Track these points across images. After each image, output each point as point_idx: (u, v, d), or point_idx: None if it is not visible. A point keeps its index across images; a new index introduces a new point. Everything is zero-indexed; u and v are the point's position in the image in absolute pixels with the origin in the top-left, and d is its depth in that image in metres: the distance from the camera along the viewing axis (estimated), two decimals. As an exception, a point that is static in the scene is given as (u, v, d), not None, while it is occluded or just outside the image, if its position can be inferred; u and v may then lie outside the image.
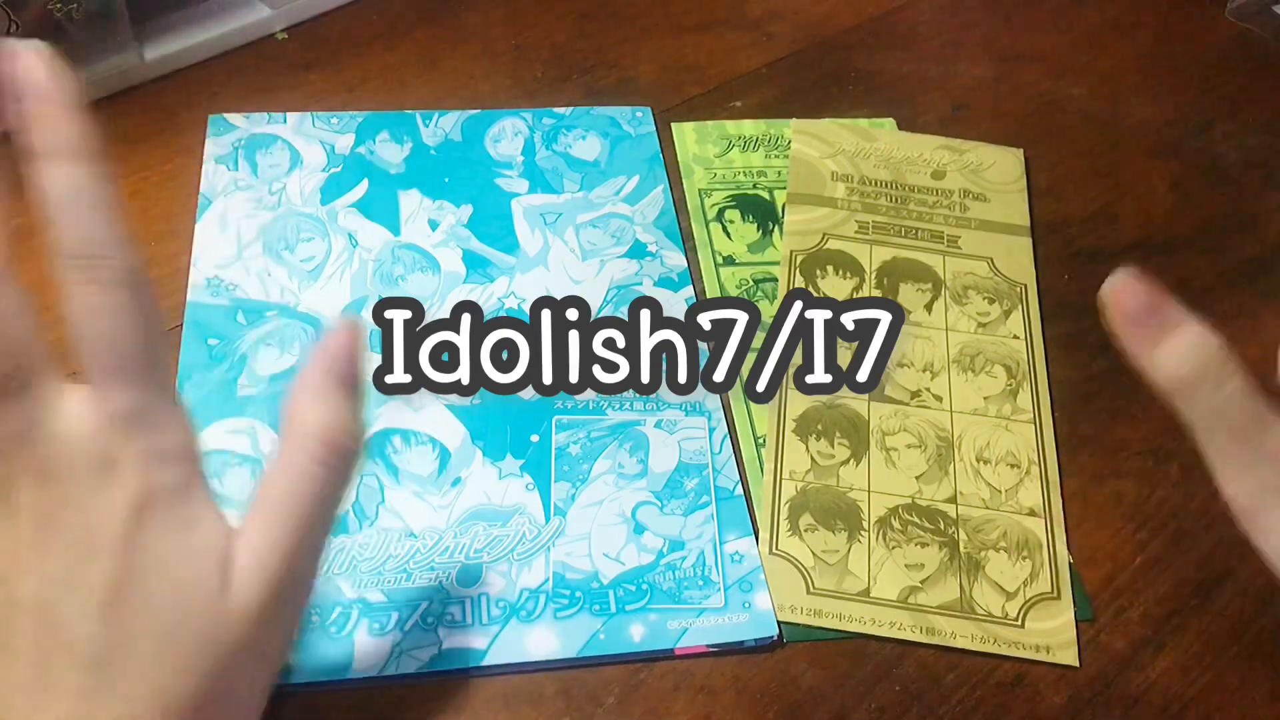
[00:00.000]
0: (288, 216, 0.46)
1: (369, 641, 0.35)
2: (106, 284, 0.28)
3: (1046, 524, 0.40)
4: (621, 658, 0.36)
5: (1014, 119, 0.54)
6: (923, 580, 0.38)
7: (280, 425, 0.31)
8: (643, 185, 0.49)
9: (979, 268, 0.47)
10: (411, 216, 0.47)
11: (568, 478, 0.39)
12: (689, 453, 0.40)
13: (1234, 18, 0.60)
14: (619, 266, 0.46)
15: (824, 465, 0.41)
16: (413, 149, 0.50)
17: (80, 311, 0.28)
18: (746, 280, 0.46)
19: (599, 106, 0.52)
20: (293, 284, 0.44)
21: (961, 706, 0.36)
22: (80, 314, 0.28)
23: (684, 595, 0.37)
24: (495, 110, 0.52)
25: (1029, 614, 0.38)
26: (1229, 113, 0.56)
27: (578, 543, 0.38)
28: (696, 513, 0.39)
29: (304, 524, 0.30)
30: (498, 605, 0.36)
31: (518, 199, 0.48)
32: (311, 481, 0.30)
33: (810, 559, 0.38)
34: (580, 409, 0.41)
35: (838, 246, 0.48)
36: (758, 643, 0.36)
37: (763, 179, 0.50)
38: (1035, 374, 0.44)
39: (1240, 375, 0.32)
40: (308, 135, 0.49)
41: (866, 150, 0.51)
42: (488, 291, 0.45)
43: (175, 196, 0.47)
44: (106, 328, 0.28)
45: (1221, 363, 0.32)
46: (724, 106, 0.53)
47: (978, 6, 0.60)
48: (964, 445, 0.42)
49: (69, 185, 0.29)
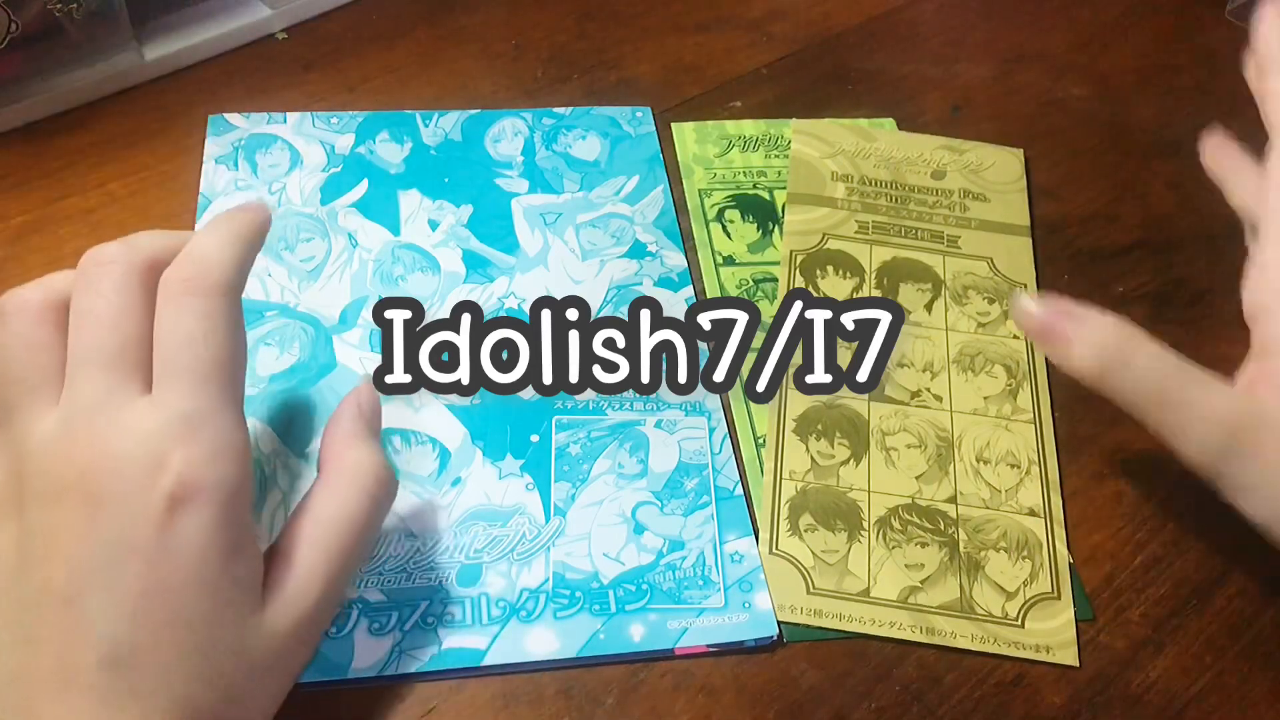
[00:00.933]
0: (288, 216, 0.46)
1: (369, 641, 0.35)
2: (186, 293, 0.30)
3: (1046, 524, 0.40)
4: (621, 658, 0.36)
5: (1014, 119, 0.54)
6: (923, 580, 0.38)
7: (321, 462, 0.33)
8: (643, 185, 0.49)
9: (979, 268, 0.47)
10: (411, 216, 0.47)
11: (568, 478, 0.39)
12: (689, 453, 0.40)
13: (1234, 18, 0.60)
14: (619, 266, 0.46)
15: (824, 465, 0.41)
16: (412, 149, 0.50)
17: (158, 316, 0.30)
18: (746, 280, 0.46)
19: (599, 107, 0.52)
20: (292, 284, 0.44)
21: (961, 706, 0.36)
22: (157, 318, 0.30)
23: (684, 595, 0.37)
24: (495, 110, 0.52)
25: (1029, 614, 0.38)
26: (1229, 113, 0.55)
27: (578, 543, 0.38)
28: (696, 513, 0.39)
29: (347, 552, 0.31)
30: (498, 605, 0.36)
31: (518, 199, 0.48)
32: (361, 512, 0.31)
33: (810, 559, 0.38)
34: (580, 409, 0.41)
35: (838, 246, 0.48)
36: (758, 643, 0.36)
37: (763, 179, 0.50)
38: (1035, 374, 0.44)
39: (1146, 346, 0.33)
40: (308, 135, 0.49)
41: (866, 150, 0.51)
42: (488, 291, 0.45)
43: (175, 196, 0.47)
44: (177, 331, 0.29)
45: (1121, 344, 0.33)
46: (724, 106, 0.53)
47: (978, 6, 0.60)
48: (964, 445, 0.42)
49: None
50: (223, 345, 0.29)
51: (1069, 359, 0.34)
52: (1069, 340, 0.34)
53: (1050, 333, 0.35)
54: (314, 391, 0.41)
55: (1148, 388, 0.33)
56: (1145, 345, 0.34)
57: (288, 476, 0.38)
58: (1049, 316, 0.35)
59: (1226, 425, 0.33)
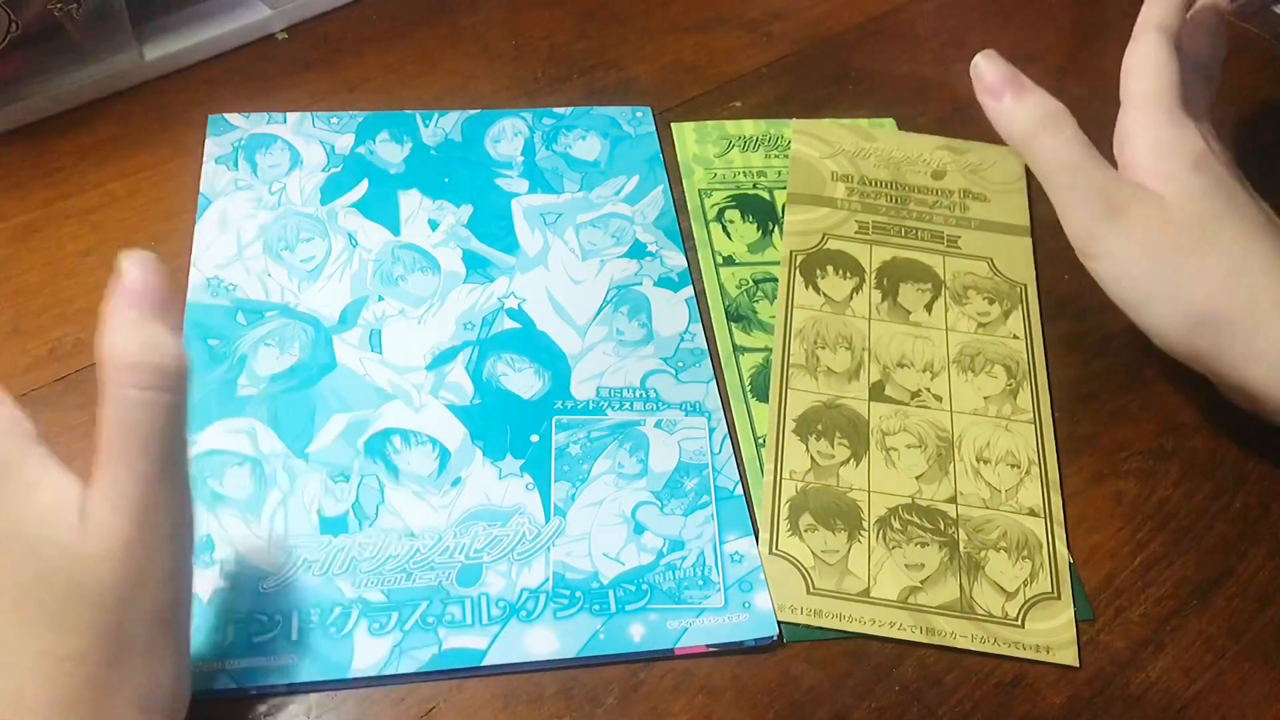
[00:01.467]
0: (288, 216, 0.46)
1: (369, 641, 0.35)
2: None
3: (1046, 524, 0.40)
4: (621, 657, 0.36)
5: (1014, 119, 0.54)
6: (923, 580, 0.38)
7: (97, 369, 0.30)
8: (642, 185, 0.49)
9: (979, 268, 0.47)
10: (411, 216, 0.47)
11: (568, 478, 0.39)
12: (689, 453, 0.40)
13: (1234, 18, 0.60)
14: (619, 266, 0.46)
15: (824, 465, 0.41)
16: (412, 149, 0.50)
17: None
18: (746, 280, 0.46)
19: (599, 107, 0.52)
20: (293, 284, 0.44)
21: (961, 706, 0.36)
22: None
23: (684, 595, 0.37)
24: (495, 110, 0.52)
25: (1029, 614, 0.38)
26: (1229, 113, 0.55)
27: (578, 543, 0.38)
28: (696, 513, 0.39)
29: (144, 451, 0.29)
30: (498, 605, 0.36)
31: (518, 199, 0.48)
32: (138, 409, 0.29)
33: (810, 559, 0.38)
34: (580, 409, 0.41)
35: (838, 246, 0.48)
36: (757, 642, 0.36)
37: (763, 179, 0.50)
38: (1035, 374, 0.44)
39: (1074, 126, 0.40)
40: (307, 135, 0.49)
41: (866, 150, 0.51)
42: (488, 291, 0.45)
43: (175, 196, 0.47)
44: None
45: (1058, 115, 0.40)
46: (724, 106, 0.53)
47: (978, 6, 0.60)
48: (964, 445, 0.42)
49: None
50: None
51: (1011, 118, 0.40)
52: (1014, 101, 0.40)
53: (998, 92, 0.41)
54: (314, 391, 0.41)
55: (1062, 157, 0.39)
56: (1072, 124, 0.40)
57: (287, 477, 0.38)
58: (1001, 78, 0.41)
59: (1110, 198, 0.39)
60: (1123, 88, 0.43)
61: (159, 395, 0.29)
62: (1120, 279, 0.39)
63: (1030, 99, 0.40)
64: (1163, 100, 0.40)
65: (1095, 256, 0.40)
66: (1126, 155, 0.41)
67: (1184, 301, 0.38)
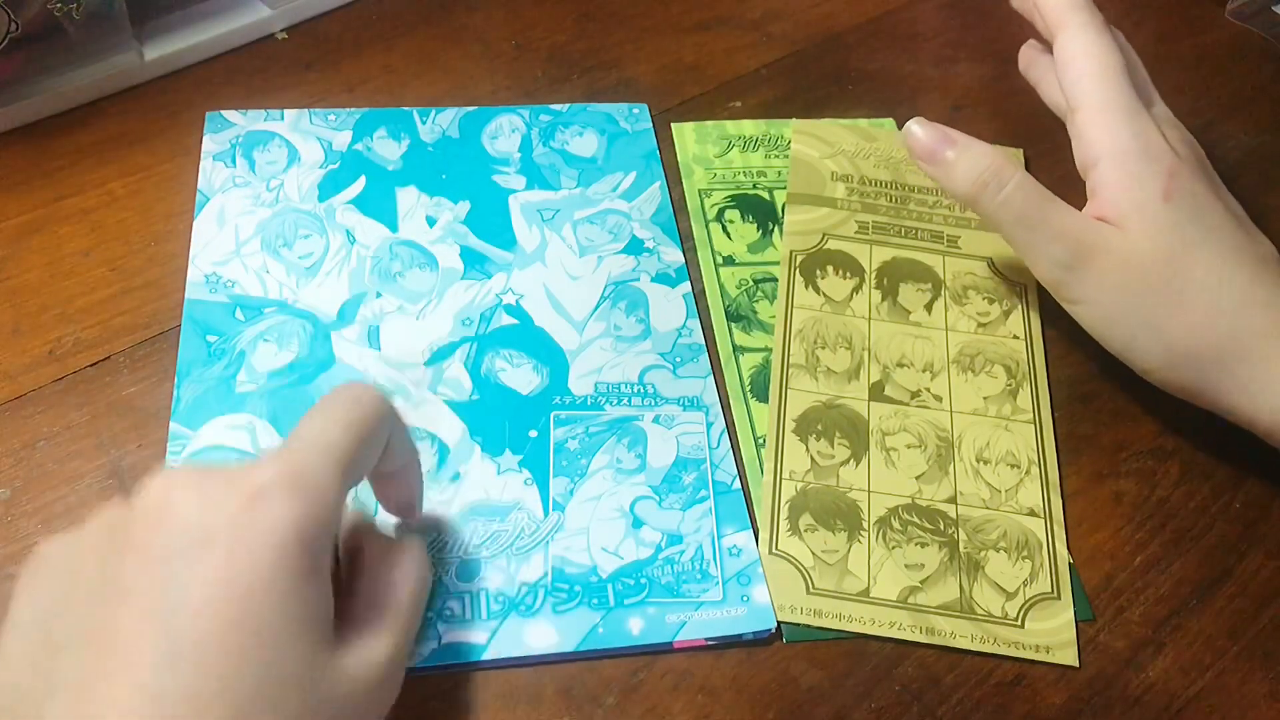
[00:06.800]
0: (285, 213, 0.46)
1: (366, 638, 0.35)
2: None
3: (1046, 524, 0.40)
4: (620, 651, 0.35)
5: (1014, 119, 0.54)
6: (922, 580, 0.38)
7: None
8: (640, 181, 0.49)
9: (979, 268, 0.47)
10: (409, 213, 0.47)
11: (566, 473, 0.39)
12: (687, 447, 0.40)
13: (1234, 18, 0.60)
14: (616, 262, 0.46)
15: (824, 465, 0.40)
16: (410, 146, 0.49)
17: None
18: (746, 280, 0.46)
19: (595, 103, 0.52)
20: (291, 280, 0.44)
21: (961, 706, 0.36)
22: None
23: (682, 589, 0.37)
24: (492, 107, 0.52)
25: (1029, 614, 0.37)
26: (1229, 113, 0.55)
27: (576, 537, 0.38)
28: (694, 507, 0.39)
29: (418, 612, 0.32)
30: (497, 600, 0.36)
31: (515, 195, 0.48)
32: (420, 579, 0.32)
33: (810, 559, 0.38)
34: (578, 404, 0.41)
35: (838, 246, 0.47)
36: (756, 635, 0.36)
37: (763, 179, 0.50)
38: (1035, 374, 0.44)
39: (1017, 176, 0.39)
40: (305, 132, 0.49)
41: (866, 150, 0.51)
42: (485, 287, 0.45)
43: (175, 196, 0.47)
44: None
45: (996, 170, 0.39)
46: (724, 106, 0.53)
47: (977, 6, 0.60)
48: (964, 445, 0.41)
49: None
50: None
51: (951, 180, 0.40)
52: (951, 163, 0.40)
53: (934, 155, 0.40)
54: (312, 388, 0.41)
55: (1014, 209, 0.39)
56: (1016, 173, 0.39)
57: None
58: (934, 141, 0.40)
59: (1072, 243, 0.38)
60: (1067, 87, 0.41)
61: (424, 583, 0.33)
62: (1100, 321, 0.39)
63: (966, 158, 0.39)
64: (1120, 102, 0.39)
65: (1071, 302, 0.39)
66: (1094, 179, 0.40)
67: (1165, 339, 0.38)
